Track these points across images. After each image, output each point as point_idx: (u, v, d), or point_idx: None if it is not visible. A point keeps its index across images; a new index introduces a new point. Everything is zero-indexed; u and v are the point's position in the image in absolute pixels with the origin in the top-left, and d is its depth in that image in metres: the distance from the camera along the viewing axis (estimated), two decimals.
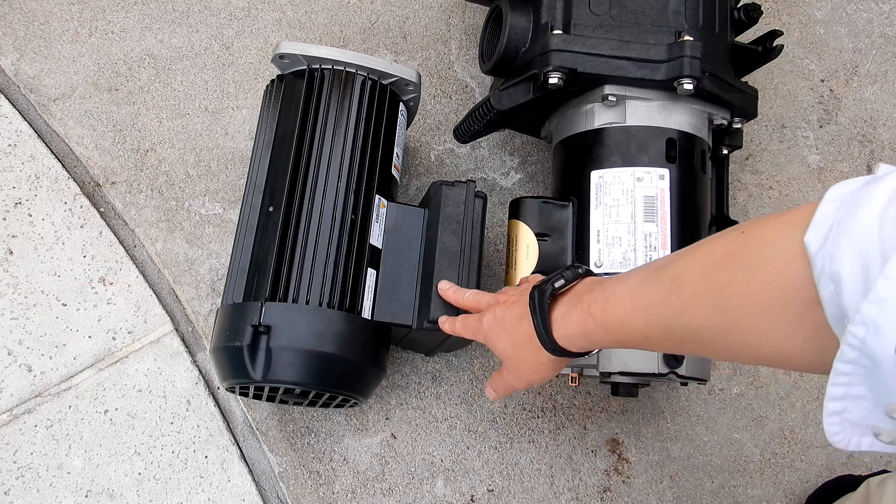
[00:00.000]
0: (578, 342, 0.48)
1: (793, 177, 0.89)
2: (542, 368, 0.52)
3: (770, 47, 0.71)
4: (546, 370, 0.53)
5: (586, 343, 0.48)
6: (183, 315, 0.79)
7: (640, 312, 0.42)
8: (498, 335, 0.54)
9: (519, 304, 0.52)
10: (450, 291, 0.63)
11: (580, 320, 0.47)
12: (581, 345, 0.48)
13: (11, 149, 0.80)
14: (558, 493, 0.76)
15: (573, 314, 0.48)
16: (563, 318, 0.49)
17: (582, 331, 0.47)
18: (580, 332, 0.47)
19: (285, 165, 0.66)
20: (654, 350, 0.47)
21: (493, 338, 0.55)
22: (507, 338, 0.53)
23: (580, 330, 0.47)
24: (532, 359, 0.52)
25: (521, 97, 0.68)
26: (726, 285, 0.36)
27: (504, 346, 0.54)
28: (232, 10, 0.89)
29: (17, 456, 0.70)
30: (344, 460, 0.75)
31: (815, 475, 0.79)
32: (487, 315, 0.56)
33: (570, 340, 0.48)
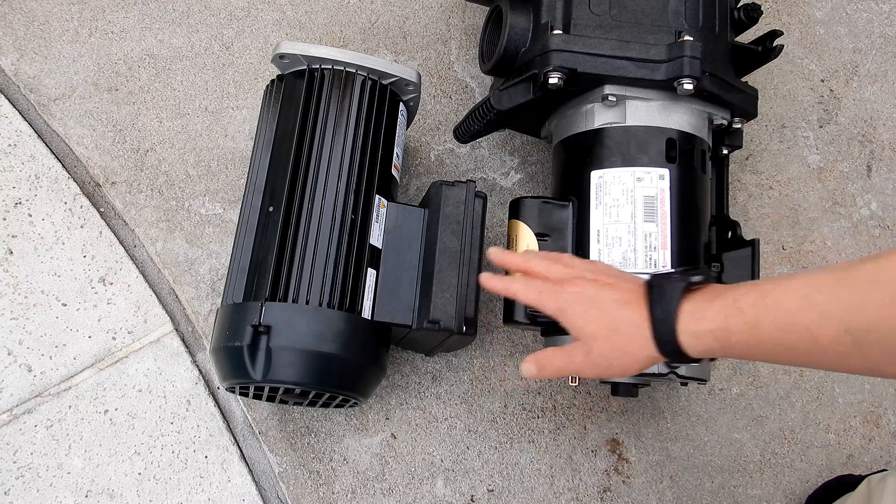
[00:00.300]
0: (706, 342, 0.44)
1: (793, 177, 0.89)
2: (632, 365, 0.48)
3: (770, 47, 0.71)
4: (633, 367, 0.48)
5: (716, 343, 0.43)
6: (183, 315, 0.79)
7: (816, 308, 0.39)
8: (587, 313, 0.49)
9: (621, 286, 0.49)
10: (503, 256, 0.57)
11: (719, 316, 0.43)
12: (707, 346, 0.44)
13: (11, 149, 0.80)
14: (558, 493, 0.76)
15: (711, 310, 0.43)
16: (694, 314, 0.44)
17: (719, 327, 0.43)
18: (716, 328, 0.43)
19: (285, 165, 0.66)
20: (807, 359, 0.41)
21: (576, 313, 0.49)
22: (601, 320, 0.48)
23: (717, 326, 0.43)
24: (627, 349, 0.47)
25: (521, 97, 0.68)
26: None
27: (592, 328, 0.48)
28: (232, 10, 0.89)
29: (17, 456, 0.70)
30: (344, 460, 0.75)
31: (815, 475, 0.79)
32: (570, 286, 0.50)
33: (698, 339, 0.44)
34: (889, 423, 0.82)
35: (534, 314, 0.66)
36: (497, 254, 0.58)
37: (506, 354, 0.80)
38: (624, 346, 0.47)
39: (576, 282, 0.51)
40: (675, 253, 0.64)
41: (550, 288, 0.51)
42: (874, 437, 0.81)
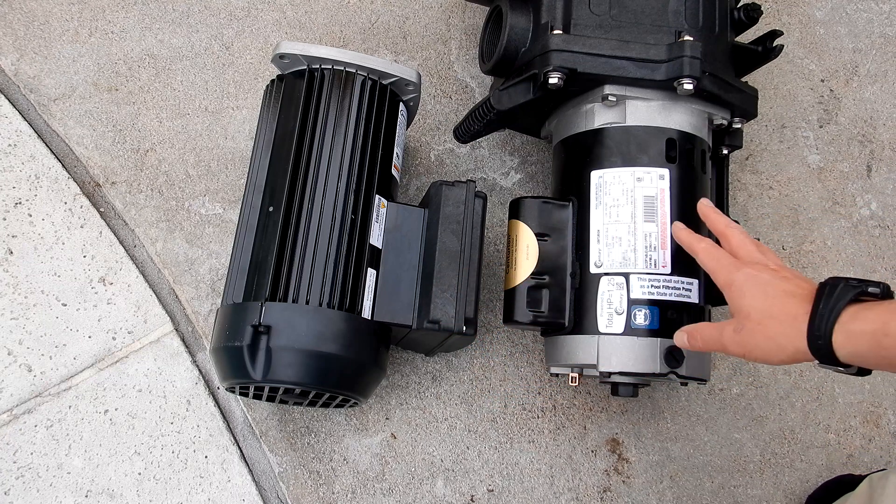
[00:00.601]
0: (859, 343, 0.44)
1: (793, 177, 0.89)
2: (777, 353, 0.48)
3: (770, 47, 0.71)
4: (778, 356, 0.49)
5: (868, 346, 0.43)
6: (183, 315, 0.79)
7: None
8: (753, 293, 0.50)
9: (795, 281, 0.49)
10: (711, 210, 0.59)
11: (881, 318, 0.43)
12: (857, 348, 0.44)
13: (11, 149, 0.80)
14: (558, 493, 0.76)
15: (872, 312, 0.44)
16: (855, 314, 0.44)
17: (876, 329, 0.43)
18: (873, 330, 0.43)
19: (285, 165, 0.66)
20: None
21: (743, 291, 0.51)
22: (763, 301, 0.49)
23: (874, 328, 0.43)
24: (775, 336, 0.48)
25: (521, 97, 0.68)
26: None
27: (752, 308, 0.50)
28: (232, 10, 0.89)
29: (17, 456, 0.70)
30: (344, 460, 0.75)
31: (815, 475, 0.79)
32: (750, 268, 0.52)
33: (850, 339, 0.44)
34: (889, 423, 0.82)
35: (534, 314, 0.66)
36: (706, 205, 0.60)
37: (506, 354, 0.80)
38: (774, 332, 0.48)
39: (757, 266, 0.52)
40: (675, 253, 0.64)
41: (730, 262, 0.54)
42: (874, 437, 0.81)
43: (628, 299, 0.63)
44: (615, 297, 0.64)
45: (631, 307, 0.63)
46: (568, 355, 0.66)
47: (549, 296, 0.67)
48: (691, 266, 0.65)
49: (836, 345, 0.45)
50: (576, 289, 0.66)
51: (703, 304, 0.66)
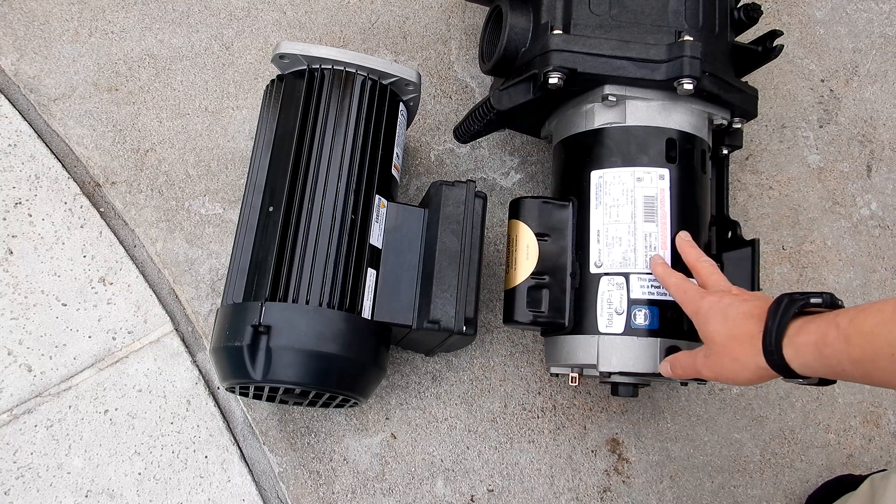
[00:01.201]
0: (805, 354, 0.46)
1: (793, 177, 0.89)
2: (742, 372, 0.51)
3: (770, 47, 0.71)
4: (744, 375, 0.52)
5: (813, 356, 0.46)
6: (183, 315, 0.79)
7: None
8: (716, 319, 0.54)
9: (753, 303, 0.52)
10: (687, 244, 0.63)
11: (820, 329, 0.46)
12: (805, 359, 0.46)
13: (11, 149, 0.80)
14: (558, 493, 0.76)
15: (813, 324, 0.46)
16: (800, 327, 0.47)
17: (817, 340, 0.45)
18: (814, 341, 0.46)
19: (285, 165, 0.66)
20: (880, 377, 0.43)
21: (707, 318, 0.54)
22: (724, 326, 0.53)
23: (815, 339, 0.46)
24: (738, 357, 0.51)
25: (521, 97, 0.68)
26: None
27: (716, 333, 0.53)
28: (232, 10, 0.89)
29: (17, 456, 0.70)
30: (344, 460, 0.75)
31: (815, 475, 0.79)
32: (713, 296, 0.55)
33: (798, 351, 0.47)
34: (889, 423, 0.82)
35: (534, 314, 0.66)
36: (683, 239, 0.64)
37: (506, 354, 0.80)
38: (737, 353, 0.51)
39: (719, 293, 0.56)
40: (675, 253, 0.64)
41: (696, 292, 0.57)
42: (874, 437, 0.81)
43: (628, 299, 0.63)
44: (615, 297, 0.64)
45: (631, 307, 0.63)
46: (568, 355, 0.66)
47: (549, 296, 0.67)
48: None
49: (788, 358, 0.48)
50: (576, 289, 0.66)
51: None
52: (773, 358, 0.48)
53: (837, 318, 0.45)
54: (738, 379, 0.52)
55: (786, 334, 0.48)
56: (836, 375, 0.46)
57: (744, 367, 0.51)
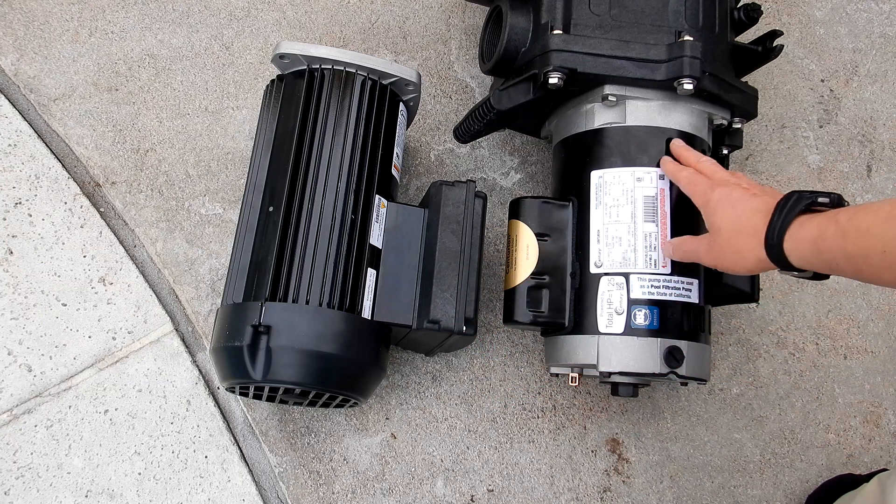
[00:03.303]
0: (803, 248, 0.49)
1: (793, 177, 0.89)
2: (741, 262, 0.54)
3: (770, 47, 0.71)
4: (742, 265, 0.54)
5: (810, 251, 0.48)
6: (183, 315, 0.79)
7: (892, 223, 0.44)
8: (724, 209, 0.56)
9: (762, 198, 0.54)
10: (682, 149, 0.64)
11: (820, 224, 0.48)
12: (803, 253, 0.49)
13: (11, 149, 0.80)
14: (558, 493, 0.76)
15: (815, 220, 0.49)
16: (802, 223, 0.50)
17: (816, 236, 0.48)
18: (814, 236, 0.48)
19: (285, 165, 0.66)
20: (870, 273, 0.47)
21: (716, 208, 0.56)
22: (732, 216, 0.55)
23: (815, 234, 0.48)
24: (741, 249, 0.54)
25: (521, 97, 0.68)
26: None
27: (722, 221, 0.56)
28: (232, 10, 0.89)
29: (17, 456, 0.70)
30: (344, 460, 0.75)
31: (815, 475, 0.79)
32: (722, 188, 0.57)
33: (797, 245, 0.49)
34: (889, 423, 0.82)
35: (534, 314, 0.66)
36: (679, 144, 0.66)
37: (506, 354, 0.80)
38: (740, 245, 0.54)
39: (730, 185, 0.58)
40: None
41: (707, 183, 0.59)
42: (874, 437, 0.81)
43: (628, 299, 0.63)
44: (615, 297, 0.64)
45: (631, 307, 0.63)
46: (568, 355, 0.66)
47: (549, 296, 0.67)
48: (691, 266, 0.65)
49: (787, 251, 0.50)
50: (576, 289, 0.66)
51: (703, 304, 0.66)
52: (773, 251, 0.51)
53: (838, 215, 0.48)
54: (736, 268, 0.55)
55: (788, 230, 0.50)
56: (830, 270, 0.49)
57: (744, 258, 0.54)
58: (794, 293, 0.85)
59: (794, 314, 0.85)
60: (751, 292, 0.68)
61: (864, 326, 0.85)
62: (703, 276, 0.66)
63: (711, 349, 0.71)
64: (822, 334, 0.84)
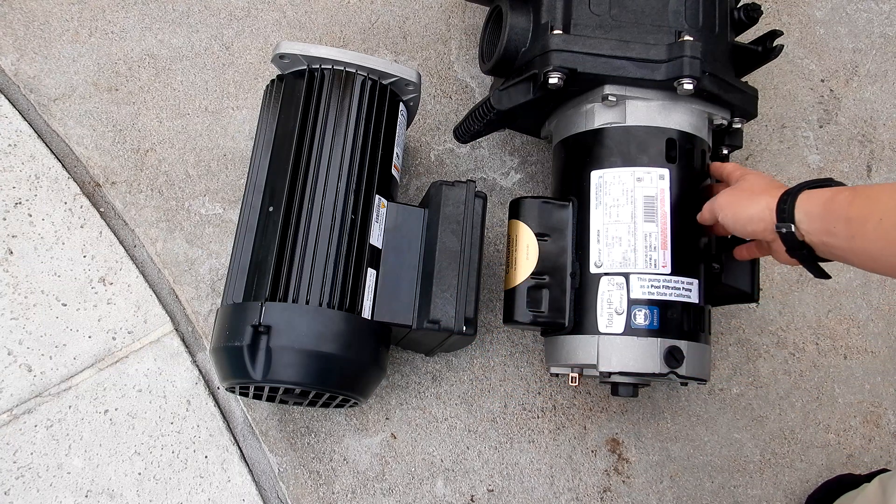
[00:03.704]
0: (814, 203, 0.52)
1: (793, 177, 0.89)
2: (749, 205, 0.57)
3: (770, 47, 0.71)
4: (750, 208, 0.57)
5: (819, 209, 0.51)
6: (183, 315, 0.79)
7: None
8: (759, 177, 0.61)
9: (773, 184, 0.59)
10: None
11: (837, 190, 0.51)
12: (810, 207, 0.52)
13: (11, 149, 0.80)
14: (558, 493, 0.76)
15: (827, 192, 0.52)
16: (812, 194, 0.53)
17: (830, 196, 0.51)
18: (827, 196, 0.51)
19: (285, 165, 0.66)
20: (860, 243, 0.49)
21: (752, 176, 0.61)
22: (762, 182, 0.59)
23: (829, 195, 0.51)
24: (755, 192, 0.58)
25: (521, 97, 0.68)
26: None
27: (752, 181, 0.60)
28: (232, 10, 0.89)
29: (17, 456, 0.70)
30: (344, 460, 0.75)
31: (815, 475, 0.79)
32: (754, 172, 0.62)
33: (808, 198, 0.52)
34: (889, 423, 0.82)
35: (534, 314, 0.66)
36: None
37: (506, 354, 0.80)
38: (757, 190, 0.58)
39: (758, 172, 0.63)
40: (675, 253, 0.64)
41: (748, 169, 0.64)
42: (874, 437, 0.81)
43: (628, 299, 0.63)
44: (615, 297, 0.64)
45: (631, 307, 0.63)
46: (568, 355, 0.66)
47: (549, 296, 0.67)
48: (691, 266, 0.65)
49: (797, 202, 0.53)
50: (576, 289, 0.66)
51: (703, 304, 0.66)
52: (785, 198, 0.54)
53: (858, 187, 0.51)
54: (740, 211, 0.58)
55: (807, 190, 0.53)
56: (826, 233, 0.51)
57: (753, 202, 0.57)
58: (794, 293, 0.85)
59: (794, 314, 0.85)
60: (751, 292, 0.68)
61: (864, 326, 0.85)
62: (703, 276, 0.66)
63: (711, 349, 0.71)
64: (822, 334, 0.84)
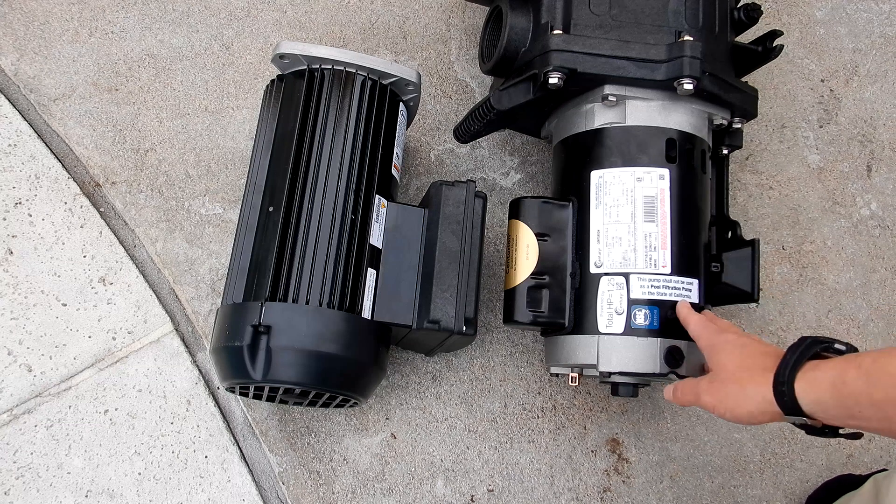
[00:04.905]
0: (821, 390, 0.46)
1: (793, 177, 0.89)
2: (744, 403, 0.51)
3: (770, 47, 0.71)
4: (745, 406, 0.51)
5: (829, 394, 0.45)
6: (183, 315, 0.79)
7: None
8: (731, 351, 0.54)
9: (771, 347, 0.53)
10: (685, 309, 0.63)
11: (838, 366, 0.45)
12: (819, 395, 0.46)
13: (11, 149, 0.80)
14: (558, 493, 0.76)
15: (832, 364, 0.46)
16: (817, 365, 0.47)
17: (835, 378, 0.45)
18: (832, 378, 0.45)
19: (285, 165, 0.66)
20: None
21: (724, 347, 0.55)
22: (738, 357, 0.53)
23: (833, 376, 0.45)
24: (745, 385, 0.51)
25: (521, 97, 0.68)
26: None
27: (728, 362, 0.54)
28: (232, 10, 0.89)
29: (17, 456, 0.70)
30: (344, 460, 0.75)
31: (815, 475, 0.79)
32: (732, 334, 0.56)
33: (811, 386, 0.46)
34: None
35: (534, 314, 0.66)
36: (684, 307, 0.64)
37: (506, 354, 0.80)
38: (746, 382, 0.51)
39: (740, 334, 0.57)
40: (675, 253, 0.64)
41: (716, 330, 0.58)
42: (874, 437, 0.81)
43: (628, 299, 0.64)
44: (615, 297, 0.64)
45: (631, 307, 0.63)
46: (568, 355, 0.66)
47: (549, 296, 0.67)
48: (691, 266, 0.65)
49: (798, 392, 0.47)
50: (576, 289, 0.66)
51: (703, 304, 0.66)
52: (781, 389, 0.48)
53: (859, 358, 0.44)
54: (736, 409, 0.51)
55: (801, 369, 0.47)
56: (851, 418, 0.45)
57: (747, 398, 0.50)
58: (794, 293, 0.85)
59: (794, 314, 0.85)
60: (751, 292, 0.68)
61: (864, 326, 0.85)
62: (703, 276, 0.66)
63: None
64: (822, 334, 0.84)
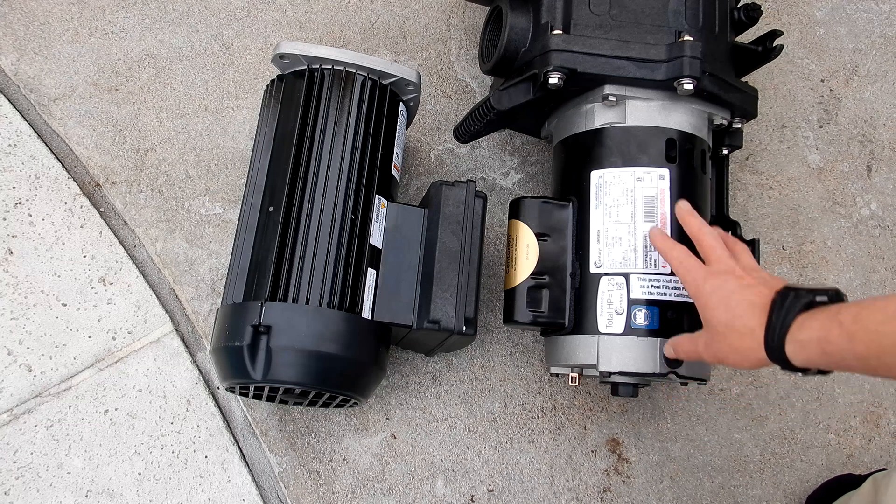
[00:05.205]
0: (809, 350, 0.46)
1: (793, 177, 0.89)
2: (742, 362, 0.52)
3: (770, 47, 0.71)
4: (744, 364, 0.52)
5: (817, 353, 0.46)
6: (183, 315, 0.79)
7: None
8: (717, 305, 0.53)
9: (756, 289, 0.52)
10: (687, 213, 0.61)
11: (823, 326, 0.46)
12: (808, 355, 0.47)
13: (11, 149, 0.80)
14: (558, 493, 0.76)
15: (816, 321, 0.46)
16: (802, 324, 0.47)
17: (820, 337, 0.45)
18: (817, 338, 0.46)
19: (285, 165, 0.66)
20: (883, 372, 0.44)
21: (708, 301, 0.54)
22: (726, 314, 0.52)
23: (818, 336, 0.45)
24: (739, 348, 0.51)
25: (521, 97, 0.68)
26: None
27: (717, 320, 0.53)
28: (232, 10, 0.89)
29: (17, 456, 0.70)
30: (344, 460, 0.75)
31: (815, 475, 0.79)
32: (716, 279, 0.55)
33: (801, 347, 0.47)
34: (889, 423, 0.82)
35: (534, 314, 0.66)
36: (683, 209, 0.62)
37: (506, 354, 0.80)
38: (737, 344, 0.51)
39: (724, 275, 0.55)
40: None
41: (699, 272, 0.56)
42: (874, 437, 0.81)
43: (628, 299, 0.64)
44: (615, 297, 0.64)
45: (631, 307, 0.63)
46: (568, 355, 0.66)
47: (549, 296, 0.67)
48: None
49: (789, 354, 0.48)
50: (576, 289, 0.66)
51: None
52: (774, 353, 0.48)
53: (840, 315, 0.45)
54: (741, 365, 0.52)
55: (789, 332, 0.48)
56: (839, 369, 0.47)
57: (744, 357, 0.51)
58: None
59: None
60: None
61: None
62: None
63: None
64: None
